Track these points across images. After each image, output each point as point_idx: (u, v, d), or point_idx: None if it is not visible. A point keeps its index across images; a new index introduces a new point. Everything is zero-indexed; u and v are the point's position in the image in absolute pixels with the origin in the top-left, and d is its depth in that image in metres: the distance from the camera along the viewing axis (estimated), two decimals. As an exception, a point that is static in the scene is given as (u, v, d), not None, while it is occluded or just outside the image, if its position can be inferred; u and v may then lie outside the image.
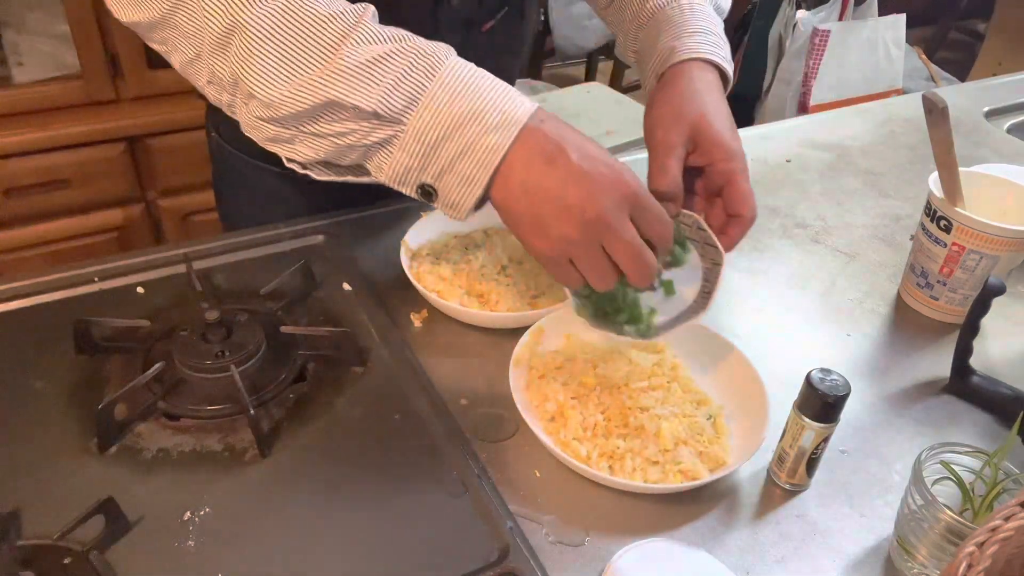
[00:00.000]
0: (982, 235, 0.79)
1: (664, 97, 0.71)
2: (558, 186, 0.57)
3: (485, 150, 0.57)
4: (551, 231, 0.58)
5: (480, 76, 0.58)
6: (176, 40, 0.60)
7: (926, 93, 0.76)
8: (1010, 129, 1.31)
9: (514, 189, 0.58)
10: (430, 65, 0.57)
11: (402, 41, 0.57)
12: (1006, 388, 0.75)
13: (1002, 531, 0.42)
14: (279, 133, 0.60)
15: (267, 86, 0.57)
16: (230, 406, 0.67)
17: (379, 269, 0.85)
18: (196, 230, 1.81)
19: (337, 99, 0.56)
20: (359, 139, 0.58)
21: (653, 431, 0.66)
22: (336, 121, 0.58)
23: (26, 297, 0.78)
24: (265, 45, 0.56)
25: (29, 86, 1.58)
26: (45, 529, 0.56)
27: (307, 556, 0.57)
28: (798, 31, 2.56)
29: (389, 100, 0.56)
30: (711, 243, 0.69)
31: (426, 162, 0.58)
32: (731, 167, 0.68)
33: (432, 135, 0.57)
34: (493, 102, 0.57)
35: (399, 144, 0.58)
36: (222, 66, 0.59)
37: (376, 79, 0.56)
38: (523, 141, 0.57)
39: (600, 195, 0.57)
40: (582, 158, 0.57)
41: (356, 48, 0.56)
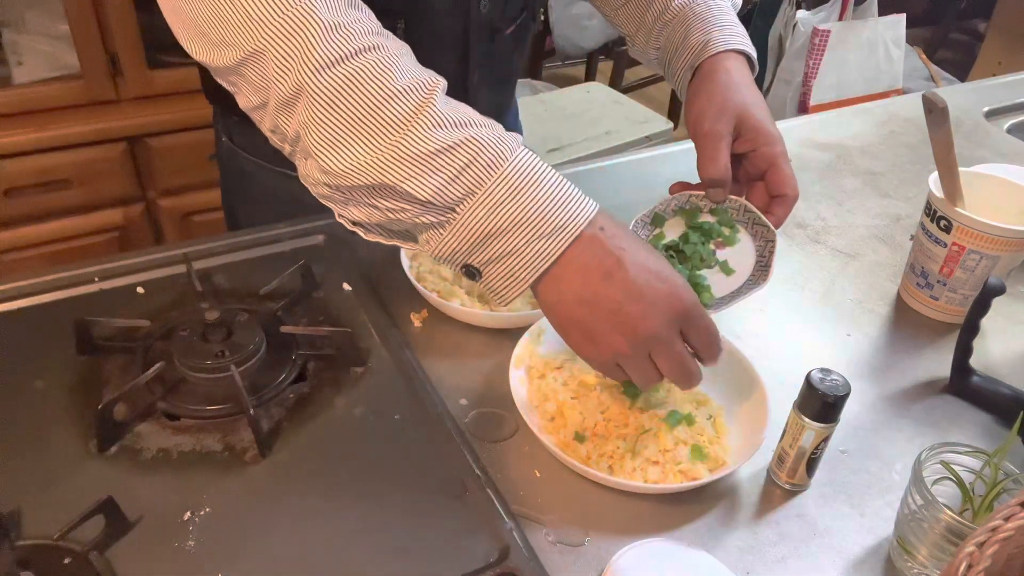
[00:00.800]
0: (982, 235, 0.79)
1: (707, 89, 0.75)
2: (614, 300, 0.56)
3: (534, 255, 0.56)
4: (603, 342, 0.57)
5: (542, 174, 0.56)
6: (243, 87, 0.59)
7: (926, 93, 0.76)
8: (1010, 129, 1.31)
9: (567, 297, 0.57)
10: (491, 160, 0.55)
11: (468, 129, 0.56)
12: (1006, 388, 0.75)
13: (1002, 531, 0.42)
14: (333, 195, 0.59)
15: (327, 155, 0.55)
16: (230, 406, 0.67)
17: (379, 269, 0.85)
18: (196, 230, 1.81)
19: (394, 185, 0.55)
20: (411, 218, 0.57)
21: (653, 431, 0.66)
22: (391, 199, 0.56)
23: (26, 297, 0.78)
24: (329, 114, 0.54)
25: (29, 86, 1.58)
26: (45, 529, 0.56)
27: (307, 556, 0.57)
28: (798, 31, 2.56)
29: (444, 192, 0.55)
30: (760, 223, 0.74)
31: (473, 250, 0.57)
32: (774, 151, 0.73)
33: (483, 230, 0.55)
34: (551, 207, 0.55)
35: (449, 229, 0.56)
36: (287, 123, 0.57)
37: (435, 169, 0.54)
38: (581, 249, 0.56)
39: (655, 313, 0.57)
40: (638, 272, 0.57)
41: (422, 133, 0.54)
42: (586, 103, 2.31)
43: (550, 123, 2.17)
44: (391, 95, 0.54)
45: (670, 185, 0.77)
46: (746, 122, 0.73)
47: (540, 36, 3.03)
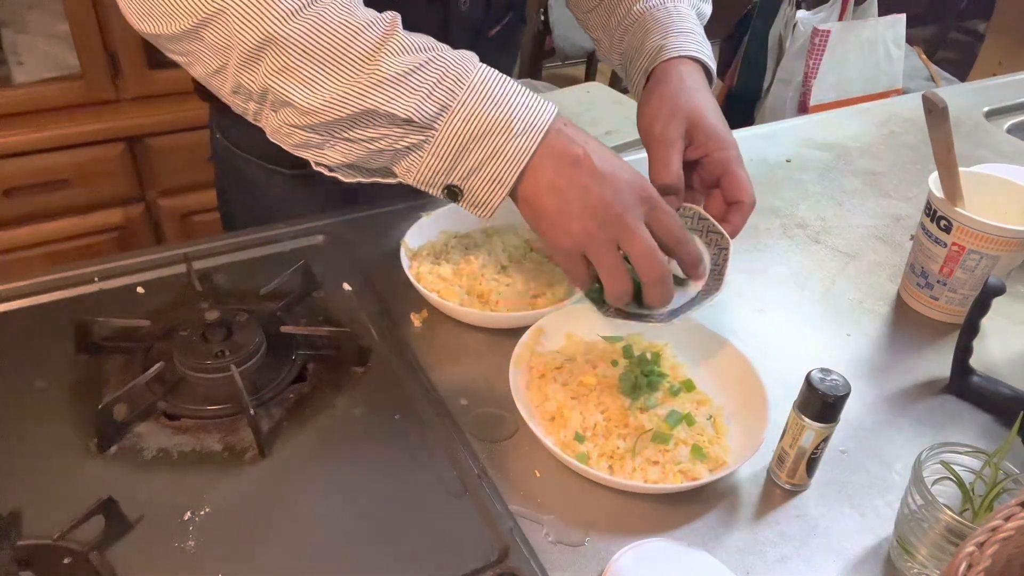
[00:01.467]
0: (982, 235, 0.79)
1: (658, 94, 0.74)
2: (583, 186, 0.60)
3: (513, 153, 0.60)
4: (573, 226, 0.61)
5: (505, 83, 0.61)
6: (201, 52, 0.61)
7: (926, 93, 0.76)
8: (1010, 129, 1.31)
9: (542, 187, 0.61)
10: (460, 74, 0.60)
11: (433, 51, 0.60)
12: (1006, 388, 0.75)
13: (1002, 531, 0.42)
14: (310, 139, 0.62)
15: (305, 95, 0.59)
16: (230, 406, 0.67)
17: (379, 269, 0.85)
18: (196, 230, 1.81)
19: (375, 108, 0.58)
20: (391, 144, 0.61)
21: (653, 431, 0.66)
22: (370, 127, 0.60)
23: (26, 297, 0.78)
24: (302, 57, 0.58)
25: (29, 86, 1.58)
26: (45, 529, 0.56)
27: (307, 556, 0.57)
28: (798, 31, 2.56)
29: (423, 107, 0.59)
30: (715, 230, 0.72)
31: (454, 165, 0.61)
32: (727, 155, 0.72)
33: (462, 139, 0.60)
34: (519, 109, 0.60)
35: (429, 148, 0.60)
36: (250, 78, 0.60)
37: (412, 88, 0.59)
38: (549, 144, 0.61)
39: (621, 196, 0.60)
40: (603, 162, 0.61)
41: (392, 58, 0.58)
42: (586, 103, 2.31)
43: (550, 123, 2.17)
44: (358, 30, 0.59)
45: None
46: (698, 126, 0.72)
47: (540, 36, 3.03)
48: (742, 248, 0.96)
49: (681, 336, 0.76)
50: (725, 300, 0.87)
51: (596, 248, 0.61)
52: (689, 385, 0.71)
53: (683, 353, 0.75)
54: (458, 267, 0.82)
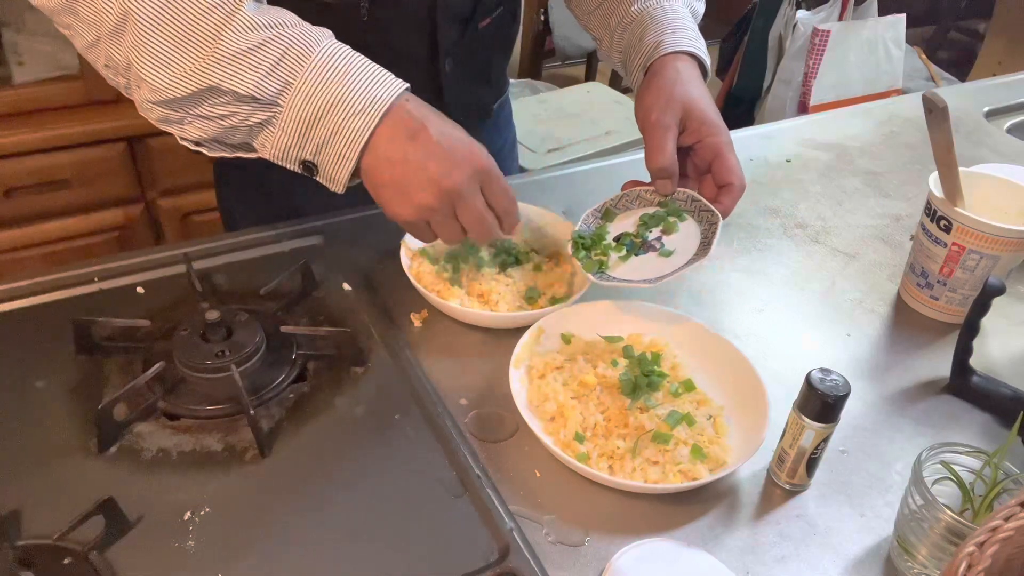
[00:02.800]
0: (982, 235, 0.79)
1: (655, 85, 0.78)
2: (420, 159, 0.64)
3: (352, 131, 0.63)
4: (413, 198, 0.65)
5: (351, 60, 0.63)
6: (78, 26, 0.63)
7: (926, 93, 0.76)
8: (1010, 129, 1.31)
9: (380, 160, 0.64)
10: (303, 51, 0.62)
11: (280, 28, 0.62)
12: (1006, 388, 0.75)
13: (1002, 531, 0.42)
14: (168, 115, 0.64)
15: (153, 72, 0.61)
16: (230, 406, 0.67)
17: (379, 269, 0.85)
18: (196, 230, 1.81)
19: (217, 85, 0.61)
20: (241, 120, 0.63)
21: (653, 431, 0.66)
22: (219, 105, 0.62)
23: (26, 297, 0.78)
24: (152, 33, 0.60)
25: (29, 86, 1.58)
26: (45, 529, 0.56)
27: (307, 556, 0.57)
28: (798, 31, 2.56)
29: (264, 84, 0.61)
30: (706, 208, 0.77)
31: (303, 141, 0.64)
32: (718, 140, 0.76)
33: (306, 117, 0.62)
34: (360, 87, 0.62)
35: (277, 124, 0.63)
36: (117, 52, 0.62)
37: (253, 65, 0.61)
38: (389, 119, 0.63)
39: (456, 168, 0.64)
40: (441, 135, 0.64)
41: (235, 36, 0.60)
42: (586, 103, 2.31)
43: (550, 123, 2.17)
44: (207, 8, 0.60)
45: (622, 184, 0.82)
46: (691, 114, 0.76)
47: (540, 36, 3.03)
48: (742, 248, 0.96)
49: (681, 336, 0.76)
50: (725, 300, 0.87)
51: (434, 218, 0.66)
52: (689, 385, 0.71)
53: (683, 353, 0.75)
54: (458, 267, 0.82)
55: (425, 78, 0.90)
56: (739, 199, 0.77)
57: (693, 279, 0.90)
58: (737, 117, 2.69)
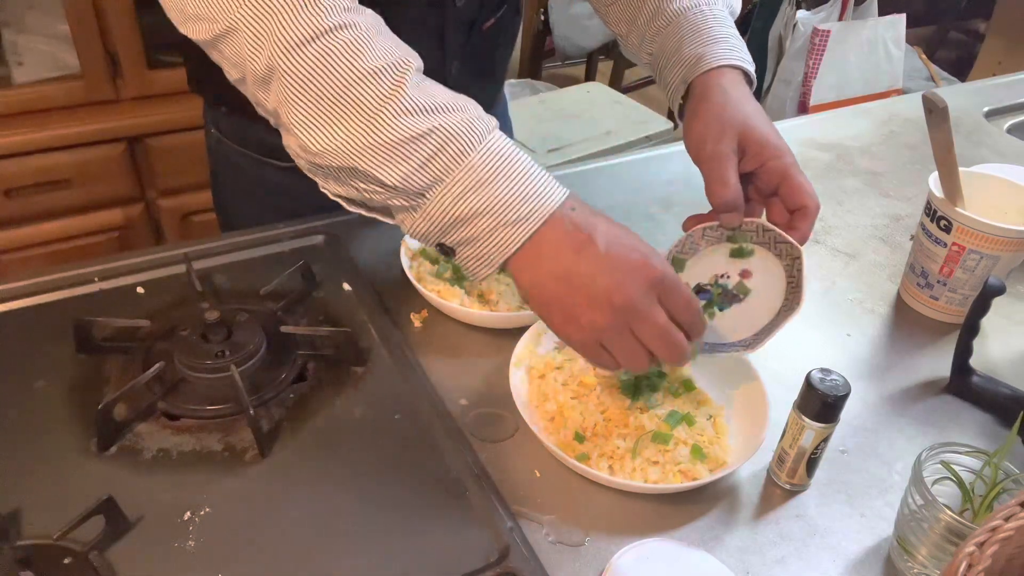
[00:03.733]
0: (982, 235, 0.79)
1: (704, 110, 0.71)
2: (587, 275, 0.57)
3: (500, 241, 0.57)
4: (582, 319, 0.58)
5: (510, 166, 0.57)
6: (223, 62, 0.60)
7: (926, 93, 0.76)
8: (1010, 129, 1.31)
9: (543, 277, 0.58)
10: (460, 150, 0.56)
11: (437, 116, 0.56)
12: (1006, 388, 0.75)
13: (1002, 531, 0.42)
14: (314, 170, 0.60)
15: (304, 133, 0.56)
16: (230, 406, 0.67)
17: (379, 269, 0.85)
18: (196, 230, 1.81)
19: (363, 170, 0.56)
20: (383, 200, 0.58)
21: (653, 431, 0.66)
22: (362, 181, 0.58)
23: (26, 297, 0.78)
24: (302, 95, 0.55)
25: (29, 86, 1.58)
26: (45, 529, 0.56)
27: (307, 556, 0.57)
28: (798, 31, 2.56)
29: (411, 179, 0.56)
30: (782, 240, 0.69)
31: (445, 234, 0.58)
32: (784, 163, 0.70)
33: (453, 216, 0.57)
34: (518, 196, 0.56)
35: (420, 213, 0.58)
36: (265, 98, 0.58)
37: (403, 158, 0.55)
38: (552, 229, 0.57)
39: (628, 282, 0.57)
40: (610, 245, 0.57)
41: (389, 121, 0.55)
42: (586, 103, 2.30)
43: (550, 123, 2.17)
44: (362, 76, 0.55)
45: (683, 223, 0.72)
46: (749, 137, 0.69)
47: (540, 36, 3.03)
48: (742, 248, 0.96)
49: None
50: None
51: (609, 338, 0.58)
52: (689, 385, 0.71)
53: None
54: (458, 267, 0.82)
55: None
56: (815, 220, 0.70)
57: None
58: (737, 117, 2.69)
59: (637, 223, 0.98)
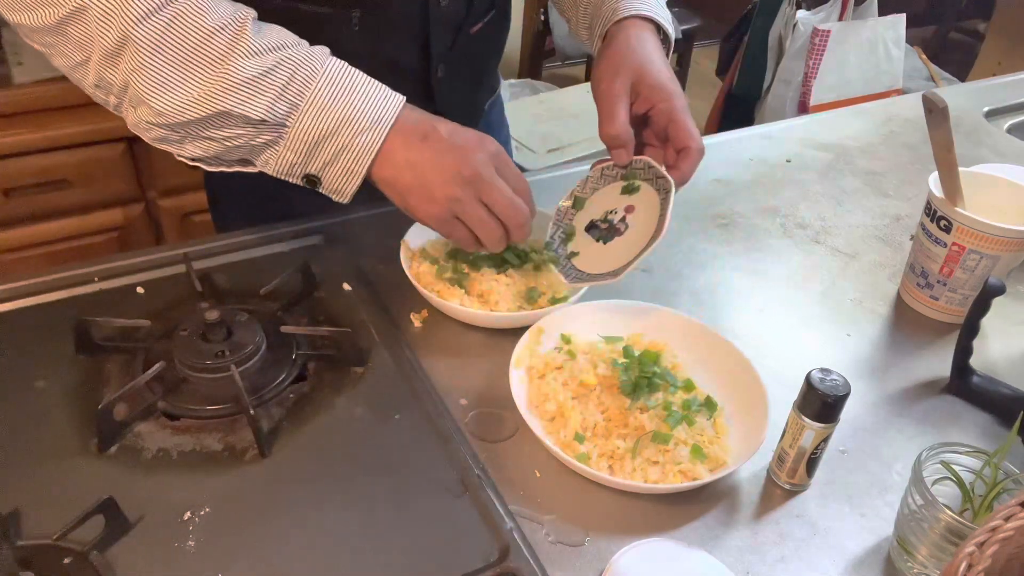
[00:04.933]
0: (982, 235, 0.79)
1: (607, 53, 0.78)
2: (436, 156, 0.66)
3: (361, 148, 0.65)
4: (436, 193, 0.66)
5: (353, 77, 0.65)
6: (63, 46, 0.63)
7: (926, 93, 0.76)
8: (1010, 129, 1.31)
9: (399, 165, 0.66)
10: (309, 73, 0.63)
11: (284, 50, 0.63)
12: (1006, 388, 0.75)
13: (1002, 531, 0.42)
14: (168, 135, 0.65)
15: (159, 96, 0.62)
16: (230, 406, 0.67)
17: (379, 269, 0.85)
18: (196, 230, 1.81)
19: (228, 110, 0.62)
20: (246, 142, 0.65)
21: (653, 431, 0.66)
22: (225, 128, 0.63)
23: (26, 297, 0.78)
24: (155, 58, 0.60)
25: (29, 86, 1.58)
26: (45, 529, 0.56)
27: (307, 556, 0.57)
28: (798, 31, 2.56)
29: (274, 108, 0.63)
30: (660, 176, 0.75)
31: (309, 158, 0.66)
32: (671, 105, 0.74)
33: (313, 135, 0.64)
34: (366, 103, 0.65)
35: (283, 144, 0.65)
36: (112, 73, 0.63)
37: (262, 90, 0.62)
38: (398, 129, 0.66)
39: (471, 156, 0.67)
40: (450, 133, 0.67)
41: (243, 61, 0.61)
42: (586, 103, 2.29)
43: (550, 123, 2.17)
44: (210, 32, 0.61)
45: None
46: (643, 80, 0.74)
47: (540, 36, 3.03)
48: (742, 248, 0.96)
49: (681, 336, 0.76)
50: (725, 300, 0.87)
51: (462, 209, 0.67)
52: (689, 385, 0.71)
53: (683, 353, 0.75)
54: (458, 267, 0.82)
55: (416, 85, 0.90)
56: (698, 162, 0.75)
57: (694, 279, 0.90)
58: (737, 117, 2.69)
59: (637, 223, 0.98)
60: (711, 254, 0.94)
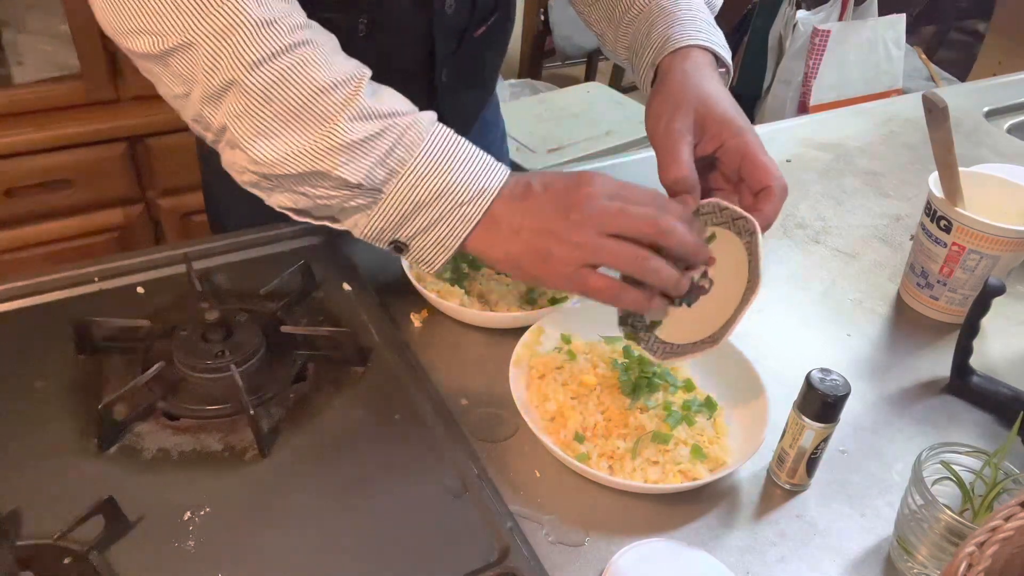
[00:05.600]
0: (982, 235, 0.79)
1: (663, 88, 0.70)
2: (538, 211, 0.60)
3: (458, 219, 0.61)
4: (556, 252, 0.59)
5: (458, 147, 0.61)
6: (165, 77, 0.61)
7: (926, 93, 0.76)
8: (1010, 129, 1.31)
9: (505, 241, 0.61)
10: (412, 141, 0.60)
11: (392, 116, 0.60)
12: (1006, 388, 0.75)
13: (1002, 531, 0.42)
14: (259, 183, 0.62)
15: (258, 146, 0.59)
16: (230, 406, 0.67)
17: (379, 269, 0.85)
18: (196, 230, 1.81)
19: (327, 171, 0.59)
20: (339, 203, 0.61)
21: (653, 431, 0.66)
22: (319, 187, 0.60)
23: (26, 297, 0.78)
24: (262, 108, 0.58)
25: (29, 86, 1.58)
26: (45, 529, 0.56)
27: (307, 556, 0.57)
28: (798, 31, 2.56)
29: (372, 174, 0.59)
30: (738, 216, 0.63)
31: (400, 226, 0.62)
32: (744, 140, 0.65)
33: (409, 205, 0.60)
34: (468, 175, 0.60)
35: (377, 210, 0.61)
36: (212, 113, 0.60)
37: (363, 155, 0.59)
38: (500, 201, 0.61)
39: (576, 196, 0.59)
40: (545, 183, 0.61)
41: (350, 125, 0.58)
42: (586, 103, 2.30)
43: (550, 123, 2.17)
44: (321, 89, 0.58)
45: None
46: (708, 116, 0.66)
47: (540, 36, 3.03)
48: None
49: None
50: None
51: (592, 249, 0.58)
52: (689, 385, 0.71)
53: (683, 353, 0.75)
54: (458, 267, 0.82)
55: (420, 89, 0.88)
56: (782, 202, 0.65)
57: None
58: (737, 117, 2.69)
59: (637, 223, 0.98)
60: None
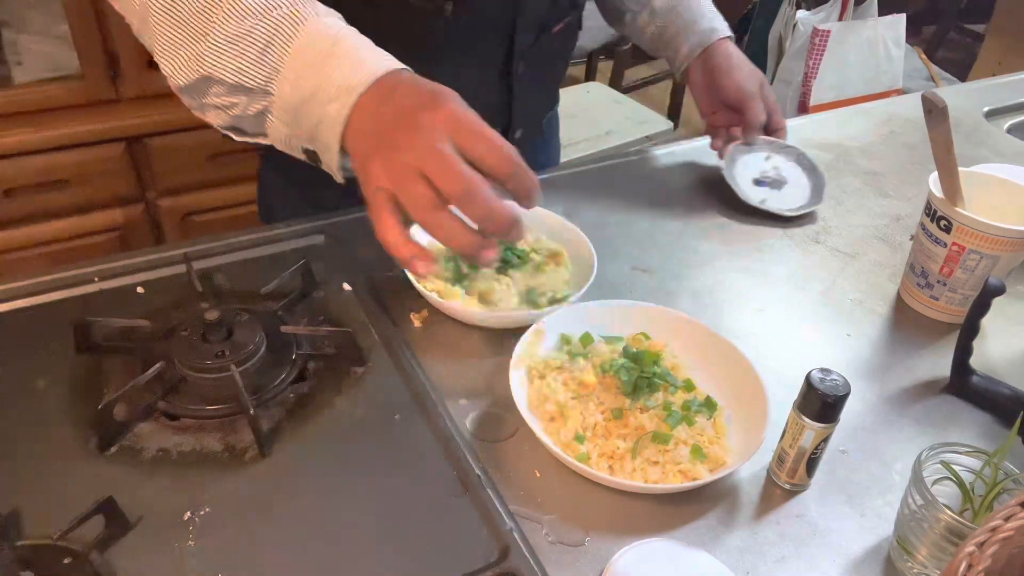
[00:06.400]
0: (982, 235, 0.79)
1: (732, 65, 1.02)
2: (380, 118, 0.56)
3: (330, 120, 0.57)
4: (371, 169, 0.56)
5: (333, 45, 0.57)
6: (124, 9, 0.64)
7: (926, 93, 0.76)
8: (1010, 129, 1.31)
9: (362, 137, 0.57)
10: (288, 35, 0.58)
11: (268, 11, 0.58)
12: (1006, 388, 0.75)
13: (1002, 531, 0.42)
14: (189, 102, 0.63)
15: (164, 61, 0.60)
16: (230, 406, 0.67)
17: (379, 269, 0.85)
18: (196, 230, 1.81)
19: (209, 74, 0.59)
20: (242, 110, 0.61)
21: (653, 431, 0.66)
22: (220, 95, 0.60)
23: (26, 297, 0.78)
24: (163, 21, 0.59)
25: (29, 86, 1.58)
26: (45, 529, 0.56)
27: (307, 556, 0.57)
28: (798, 31, 2.56)
29: (251, 74, 0.58)
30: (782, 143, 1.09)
31: (296, 129, 0.60)
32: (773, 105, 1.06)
33: (292, 105, 0.59)
34: (340, 69, 0.57)
35: (275, 114, 0.60)
36: (149, 39, 0.62)
37: (240, 53, 0.58)
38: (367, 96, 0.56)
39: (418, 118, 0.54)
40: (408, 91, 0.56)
41: (224, 22, 0.58)
42: (586, 103, 2.30)
43: (550, 123, 2.17)
44: None
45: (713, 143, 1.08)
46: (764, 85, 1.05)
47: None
48: (742, 248, 0.96)
49: (681, 336, 0.76)
50: (725, 300, 0.87)
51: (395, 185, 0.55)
52: (689, 385, 0.71)
53: (683, 353, 0.75)
54: (458, 267, 0.82)
55: (498, 79, 0.91)
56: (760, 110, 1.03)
57: (694, 279, 0.90)
58: (737, 117, 2.69)
59: (637, 223, 0.98)
60: (711, 254, 0.94)
